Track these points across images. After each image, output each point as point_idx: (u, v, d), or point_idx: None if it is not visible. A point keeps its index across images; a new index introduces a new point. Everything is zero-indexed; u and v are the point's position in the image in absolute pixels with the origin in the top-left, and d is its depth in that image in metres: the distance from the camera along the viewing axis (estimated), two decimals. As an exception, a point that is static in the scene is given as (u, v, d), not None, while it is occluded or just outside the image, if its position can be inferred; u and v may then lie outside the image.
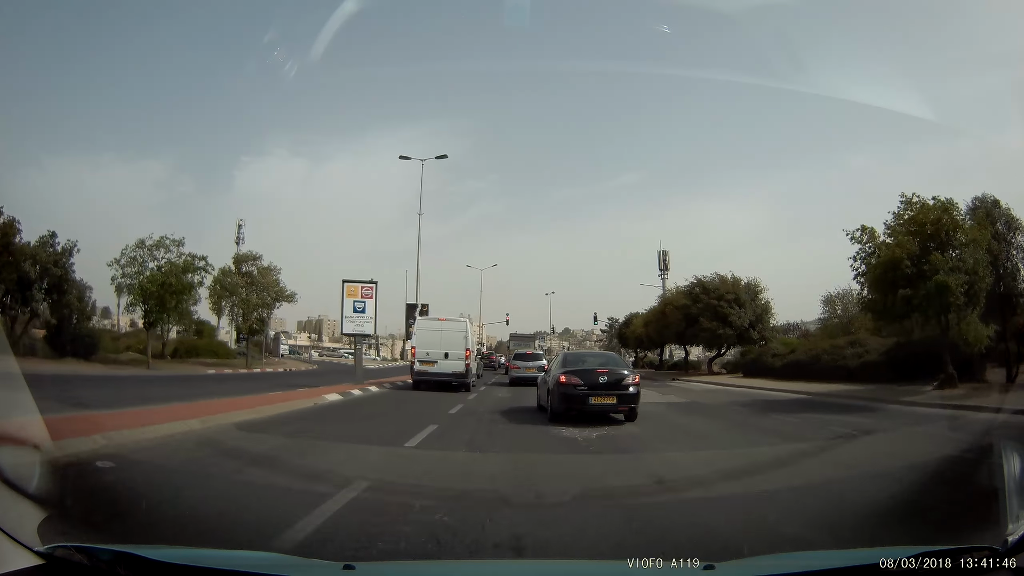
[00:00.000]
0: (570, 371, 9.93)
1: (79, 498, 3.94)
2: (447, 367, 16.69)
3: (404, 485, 5.22)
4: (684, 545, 3.39)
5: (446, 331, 17.13)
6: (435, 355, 16.74)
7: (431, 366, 16.77)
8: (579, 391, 9.51)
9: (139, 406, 9.24)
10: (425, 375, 16.84)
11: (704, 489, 5.18)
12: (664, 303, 38.05)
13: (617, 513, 4.39)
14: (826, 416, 11.64)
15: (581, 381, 9.59)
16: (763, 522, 4.07)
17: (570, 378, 9.70)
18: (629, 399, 9.67)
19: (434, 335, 16.98)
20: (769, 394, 18.24)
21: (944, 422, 10.83)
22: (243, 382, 19.98)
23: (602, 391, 9.52)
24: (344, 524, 3.74)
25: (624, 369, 10.34)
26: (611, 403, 9.61)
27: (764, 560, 2.80)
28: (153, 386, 16.13)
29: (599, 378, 9.63)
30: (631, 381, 9.81)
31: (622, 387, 9.65)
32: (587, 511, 4.45)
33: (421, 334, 17.41)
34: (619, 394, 9.57)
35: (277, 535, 3.39)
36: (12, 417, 4.47)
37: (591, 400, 9.46)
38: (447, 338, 16.83)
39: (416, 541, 3.42)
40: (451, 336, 16.92)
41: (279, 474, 5.57)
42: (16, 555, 1.85)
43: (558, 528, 3.88)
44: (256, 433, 7.85)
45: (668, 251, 54.85)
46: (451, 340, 16.84)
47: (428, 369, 16.78)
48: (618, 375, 9.84)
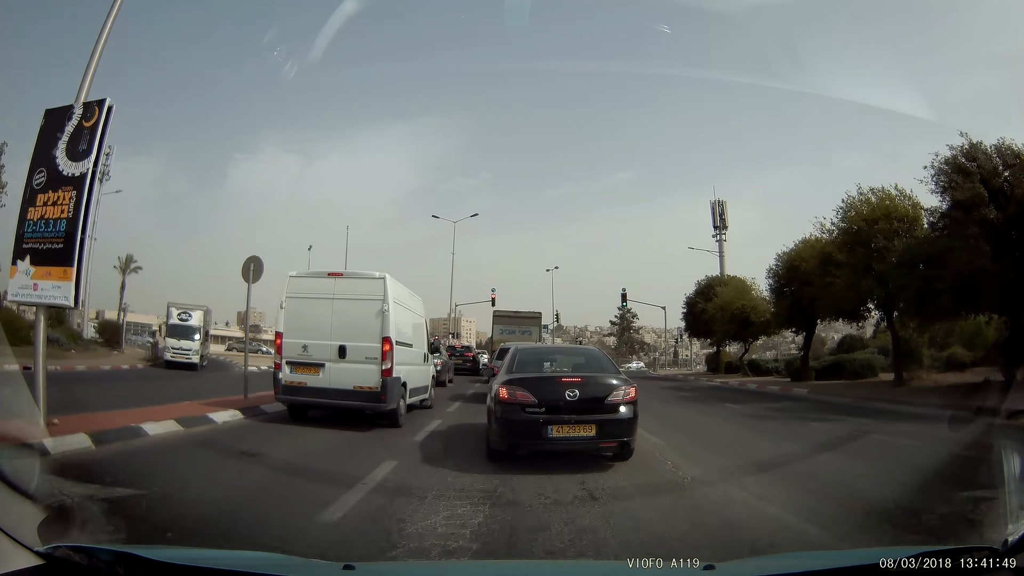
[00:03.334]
0: (517, 380, 6.05)
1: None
2: (345, 376, 8.41)
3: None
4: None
5: (345, 300, 8.66)
6: (320, 351, 8.53)
7: (313, 374, 8.52)
8: (531, 414, 5.74)
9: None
10: (302, 393, 8.61)
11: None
12: (808, 248, 22.40)
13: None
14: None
15: (534, 398, 5.77)
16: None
17: (516, 392, 5.86)
18: (619, 427, 5.87)
19: (319, 309, 8.64)
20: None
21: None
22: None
23: (572, 415, 5.72)
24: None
25: (610, 376, 6.35)
26: (587, 435, 5.73)
27: (764, 560, 2.81)
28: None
29: (566, 392, 5.79)
30: (622, 396, 5.95)
31: (606, 407, 5.87)
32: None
33: (295, 306, 8.78)
34: (601, 420, 5.79)
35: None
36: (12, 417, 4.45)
37: (551, 430, 5.66)
38: (347, 314, 8.58)
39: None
40: (355, 311, 8.58)
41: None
42: (16, 555, 1.84)
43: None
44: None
45: (724, 201, 45.52)
46: (355, 318, 8.55)
47: (307, 381, 8.54)
48: (600, 386, 6.06)
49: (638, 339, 75.81)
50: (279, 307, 8.84)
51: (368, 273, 8.96)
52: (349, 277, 8.92)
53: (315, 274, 9.11)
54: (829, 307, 21.32)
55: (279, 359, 8.69)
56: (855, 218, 18.99)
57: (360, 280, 8.85)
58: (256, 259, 10.81)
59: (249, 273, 10.79)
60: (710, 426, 10.78)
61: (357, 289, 8.76)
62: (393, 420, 8.70)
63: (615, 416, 5.89)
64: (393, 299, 8.74)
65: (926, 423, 10.55)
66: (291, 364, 8.64)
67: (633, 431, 6.05)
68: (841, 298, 19.66)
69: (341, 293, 8.73)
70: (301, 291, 8.85)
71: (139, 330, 59.11)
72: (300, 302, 8.77)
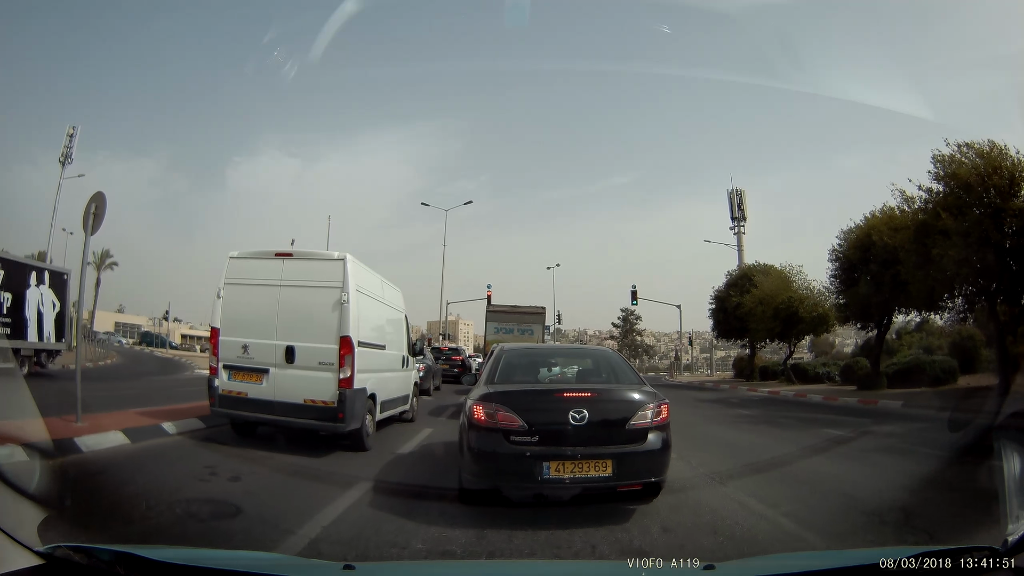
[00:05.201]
0: (500, 395, 4.36)
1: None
2: (294, 386, 6.62)
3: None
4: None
5: (295, 287, 6.86)
6: (263, 353, 6.75)
7: (255, 383, 6.72)
8: (519, 445, 4.07)
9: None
10: (242, 406, 6.78)
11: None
12: (887, 220, 18.22)
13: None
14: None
15: (523, 421, 4.09)
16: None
17: (497, 412, 4.16)
18: (646, 463, 4.20)
19: (263, 299, 6.89)
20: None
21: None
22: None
23: (579, 446, 4.08)
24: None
25: (632, 388, 4.58)
26: (600, 475, 4.02)
27: (764, 560, 2.81)
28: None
29: (570, 412, 4.11)
30: (651, 418, 4.25)
31: (628, 434, 4.19)
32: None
33: (235, 295, 7.00)
34: (621, 453, 4.10)
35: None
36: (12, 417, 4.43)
37: (548, 469, 3.99)
38: (297, 307, 6.80)
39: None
40: (306, 301, 6.79)
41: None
42: (16, 555, 1.85)
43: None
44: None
45: (743, 190, 41.51)
46: (306, 312, 6.77)
47: (248, 391, 6.73)
48: (618, 404, 4.39)
49: (641, 342, 75.10)
50: (216, 296, 6.96)
51: (324, 254, 7.20)
52: (300, 258, 6.98)
53: (259, 254, 7.10)
54: (922, 292, 16.50)
55: (215, 361, 6.89)
56: (965, 171, 14.05)
57: (314, 262, 6.94)
58: (100, 197, 7.29)
59: (89, 219, 7.22)
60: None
61: (310, 274, 6.81)
62: (356, 443, 6.83)
63: (640, 447, 4.14)
64: (355, 287, 6.77)
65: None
66: (229, 368, 6.82)
67: (665, 467, 4.28)
68: (942, 279, 15.03)
69: (290, 279, 6.82)
70: (242, 276, 6.98)
71: (131, 331, 58.95)
72: (241, 290, 6.93)
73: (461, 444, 4.58)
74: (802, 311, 26.18)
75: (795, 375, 27.38)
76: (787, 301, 26.54)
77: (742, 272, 32.13)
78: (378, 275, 8.34)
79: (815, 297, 26.27)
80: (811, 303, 26.16)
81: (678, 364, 52.89)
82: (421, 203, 61.25)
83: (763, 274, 29.42)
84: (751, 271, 31.07)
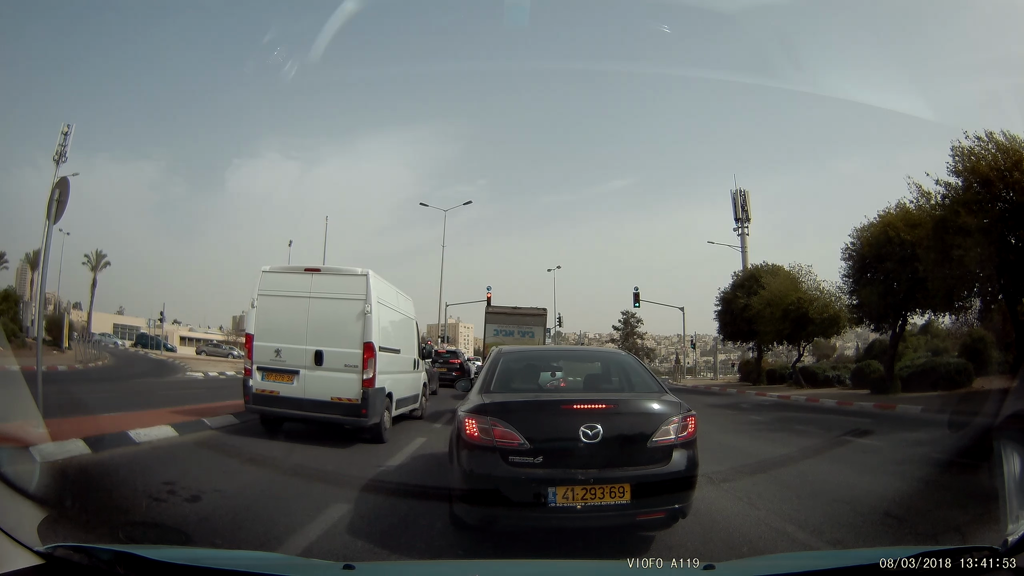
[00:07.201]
0: (496, 407, 3.74)
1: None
2: (322, 386, 7.55)
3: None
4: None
5: (323, 299, 7.78)
6: (294, 356, 7.69)
7: (286, 383, 7.65)
8: (519, 466, 3.45)
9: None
10: (274, 403, 7.72)
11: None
12: (904, 216, 17.90)
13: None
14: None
15: (524, 438, 3.46)
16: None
17: (493, 428, 3.53)
18: (671, 488, 3.56)
19: (294, 309, 7.80)
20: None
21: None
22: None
23: (591, 469, 3.41)
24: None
25: (652, 397, 4.00)
26: (617, 503, 3.34)
27: (764, 560, 2.80)
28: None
29: (580, 427, 3.47)
30: (676, 434, 3.61)
31: (650, 454, 3.56)
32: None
33: (268, 305, 7.91)
34: (641, 477, 3.45)
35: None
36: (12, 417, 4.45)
37: (554, 495, 3.33)
38: (325, 316, 7.72)
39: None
40: (333, 311, 7.72)
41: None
42: (16, 555, 1.85)
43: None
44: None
45: (747, 191, 41.04)
46: (333, 320, 7.70)
47: (280, 390, 7.66)
48: (636, 417, 3.79)
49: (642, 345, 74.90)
50: (251, 305, 7.94)
51: (349, 269, 7.99)
52: (328, 273, 8.01)
53: (290, 269, 8.34)
54: (941, 292, 15.78)
55: (249, 364, 7.82)
56: (983, 166, 13.46)
57: (340, 277, 7.91)
58: (64, 183, 7.28)
59: (52, 206, 7.11)
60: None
61: (336, 287, 7.83)
62: (376, 435, 7.76)
63: (664, 469, 3.50)
64: (377, 299, 7.78)
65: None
66: (262, 370, 7.78)
67: (691, 492, 3.66)
68: (963, 277, 14.47)
69: (318, 291, 7.81)
70: (275, 288, 7.96)
71: (130, 333, 58.88)
72: (273, 300, 7.89)
73: (451, 463, 3.99)
74: (812, 312, 25.39)
75: (804, 379, 26.72)
76: (796, 302, 25.79)
77: (749, 273, 31.28)
78: (393, 286, 9.18)
79: (825, 298, 25.56)
80: (821, 304, 25.42)
81: (681, 368, 52.20)
82: (420, 203, 61.35)
83: (771, 275, 28.57)
84: (759, 272, 30.13)
